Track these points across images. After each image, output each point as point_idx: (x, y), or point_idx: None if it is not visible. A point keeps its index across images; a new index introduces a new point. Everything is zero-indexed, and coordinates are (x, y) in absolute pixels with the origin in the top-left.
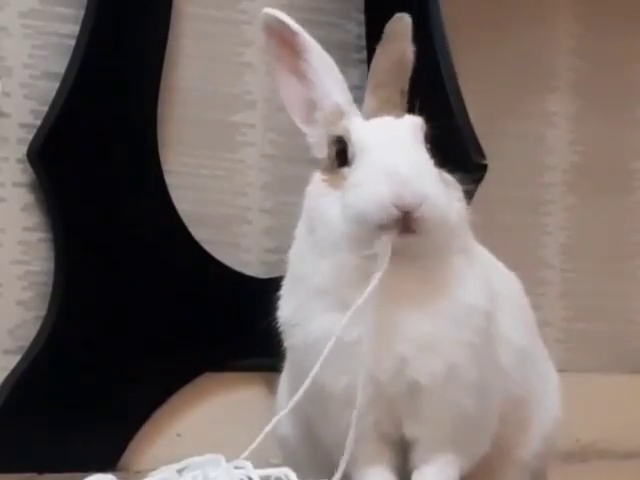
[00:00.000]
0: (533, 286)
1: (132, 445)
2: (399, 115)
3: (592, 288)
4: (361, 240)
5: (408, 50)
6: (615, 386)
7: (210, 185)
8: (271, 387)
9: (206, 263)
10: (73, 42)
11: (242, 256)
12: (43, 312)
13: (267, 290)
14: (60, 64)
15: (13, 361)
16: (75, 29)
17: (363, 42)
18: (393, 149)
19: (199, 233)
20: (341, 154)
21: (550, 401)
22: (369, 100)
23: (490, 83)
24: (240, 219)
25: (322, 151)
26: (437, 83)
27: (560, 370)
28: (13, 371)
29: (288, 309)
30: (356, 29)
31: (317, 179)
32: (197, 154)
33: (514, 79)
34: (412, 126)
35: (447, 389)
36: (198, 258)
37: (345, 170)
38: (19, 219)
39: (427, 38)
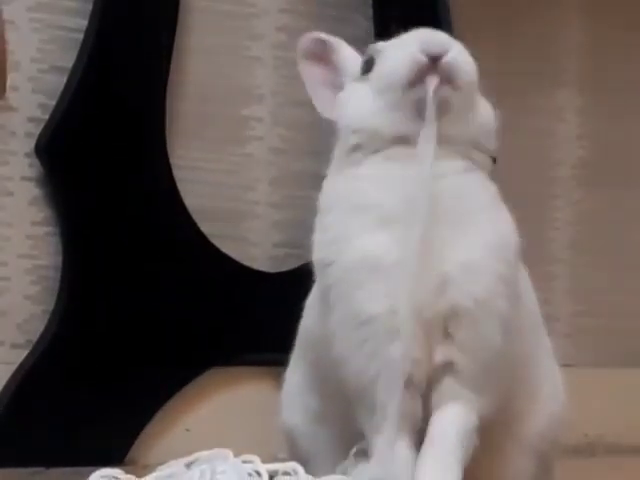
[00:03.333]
0: (541, 281)
1: (140, 439)
2: None
3: (601, 283)
4: (399, 126)
5: None
6: (623, 381)
7: (218, 179)
8: (279, 382)
9: (214, 257)
10: (81, 36)
11: (250, 250)
12: (51, 306)
13: (275, 284)
14: (68, 58)
15: (21, 355)
16: (83, 23)
17: (372, 37)
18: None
19: (207, 227)
20: (370, 61)
21: (555, 386)
22: None
23: (498, 78)
24: (248, 213)
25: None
26: None
27: (568, 365)
28: (21, 365)
29: (322, 244)
30: (365, 23)
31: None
32: (205, 148)
33: (522, 74)
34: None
35: (484, 315)
36: (206, 252)
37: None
38: (27, 213)
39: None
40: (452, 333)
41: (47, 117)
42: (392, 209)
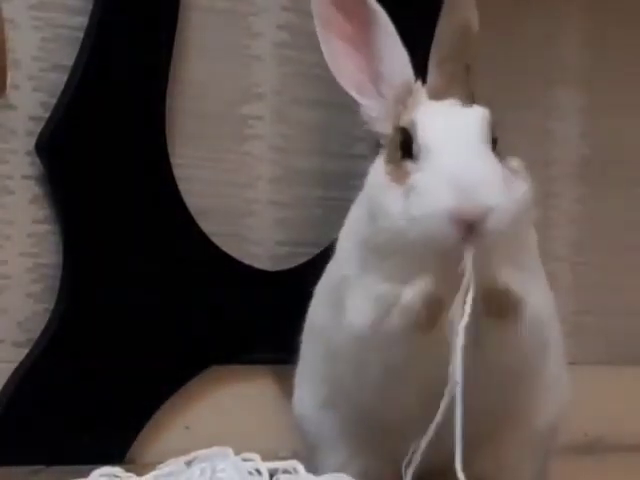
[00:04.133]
0: None
1: (140, 438)
2: (466, 97)
3: (603, 281)
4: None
5: (473, 19)
6: (624, 380)
7: (218, 178)
8: (279, 380)
9: (215, 256)
10: (82, 34)
11: (251, 249)
12: (52, 305)
13: (276, 283)
14: (69, 56)
15: (22, 353)
16: (84, 21)
17: None
18: (459, 153)
19: (207, 226)
20: (406, 146)
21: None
22: (433, 77)
23: (499, 77)
24: (249, 212)
25: (386, 129)
26: None
27: (570, 363)
28: (21, 364)
29: (350, 269)
30: None
31: (380, 169)
32: (205, 146)
33: (523, 72)
34: (479, 120)
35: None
36: (207, 251)
37: (409, 164)
38: (28, 212)
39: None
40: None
41: (48, 115)
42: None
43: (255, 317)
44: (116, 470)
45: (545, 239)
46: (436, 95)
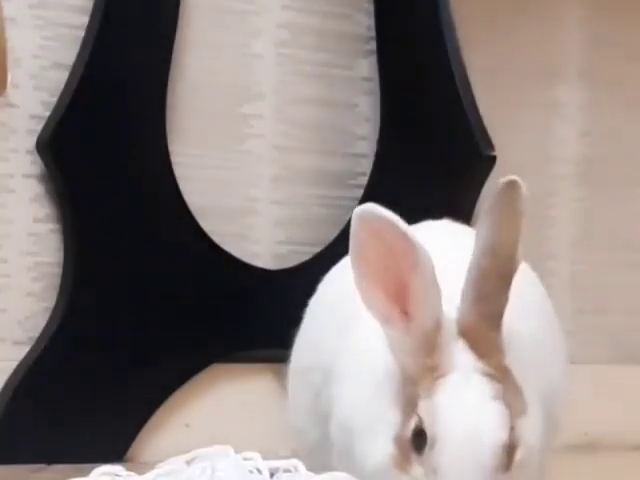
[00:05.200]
0: (542, 278)
1: (140, 436)
2: (496, 367)
3: (602, 280)
4: None
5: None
6: (623, 378)
7: (219, 177)
8: (279, 378)
9: (215, 255)
10: (82, 33)
11: (251, 248)
12: (52, 303)
13: (277, 281)
14: (69, 55)
15: (23, 352)
16: (85, 20)
17: (373, 33)
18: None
19: (208, 225)
20: (417, 439)
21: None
22: (465, 313)
23: (499, 75)
24: (250, 211)
25: (409, 363)
26: (446, 75)
27: (570, 362)
28: (22, 362)
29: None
30: (366, 20)
31: (386, 451)
32: (206, 145)
33: (523, 70)
34: (498, 434)
35: None
36: (207, 250)
37: (416, 457)
38: (29, 210)
39: (436, 29)
40: None
41: (48, 114)
42: None
43: (255, 316)
44: (116, 468)
45: (545, 238)
46: (465, 332)
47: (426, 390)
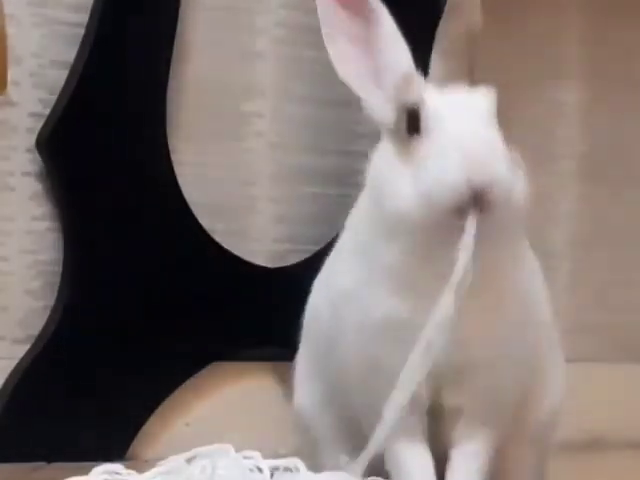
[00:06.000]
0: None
1: (141, 435)
2: (470, 85)
3: (602, 278)
4: (435, 225)
5: (477, 19)
6: (624, 376)
7: (219, 174)
8: (280, 377)
9: (215, 252)
10: (82, 31)
11: (251, 245)
12: (52, 302)
13: (276, 279)
14: (69, 53)
15: (22, 350)
16: (84, 18)
17: None
18: (468, 124)
19: (208, 222)
20: (413, 122)
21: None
22: (436, 68)
23: (500, 73)
24: (249, 208)
25: (389, 117)
26: None
27: (568, 360)
28: (21, 360)
29: (350, 280)
30: None
31: (385, 149)
32: (205, 143)
33: (524, 68)
34: (487, 99)
35: (500, 369)
36: (207, 247)
37: (416, 140)
38: (28, 208)
39: (436, 25)
40: (463, 382)
41: (48, 112)
42: (420, 279)
43: (255, 314)
44: (117, 467)
45: (545, 236)
46: (439, 85)
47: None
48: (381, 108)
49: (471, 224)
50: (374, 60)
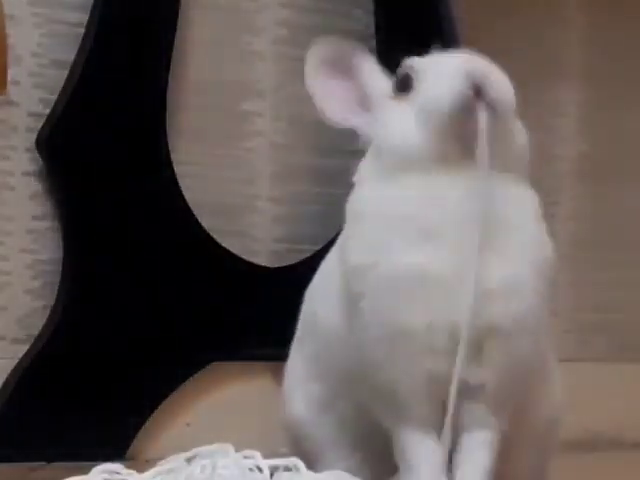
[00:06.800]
0: None
1: (141, 434)
2: None
3: (602, 278)
4: (443, 149)
5: None
6: (623, 376)
7: (218, 174)
8: (279, 377)
9: (215, 252)
10: (82, 30)
11: (251, 245)
12: (52, 301)
13: (276, 279)
14: (69, 53)
15: (21, 350)
16: (84, 17)
17: (372, 30)
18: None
19: (208, 222)
20: (406, 79)
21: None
22: None
23: None
24: (249, 208)
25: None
26: None
27: (569, 360)
28: (21, 360)
29: (360, 250)
30: (365, 17)
31: (382, 102)
32: (205, 143)
33: (523, 68)
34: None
35: (520, 335)
36: (207, 247)
37: (411, 93)
38: (28, 208)
39: (437, 27)
40: (486, 353)
41: (48, 112)
42: (438, 223)
43: (254, 314)
44: (117, 467)
45: None
46: None
47: None
48: (368, 126)
49: (482, 119)
50: (358, 92)
